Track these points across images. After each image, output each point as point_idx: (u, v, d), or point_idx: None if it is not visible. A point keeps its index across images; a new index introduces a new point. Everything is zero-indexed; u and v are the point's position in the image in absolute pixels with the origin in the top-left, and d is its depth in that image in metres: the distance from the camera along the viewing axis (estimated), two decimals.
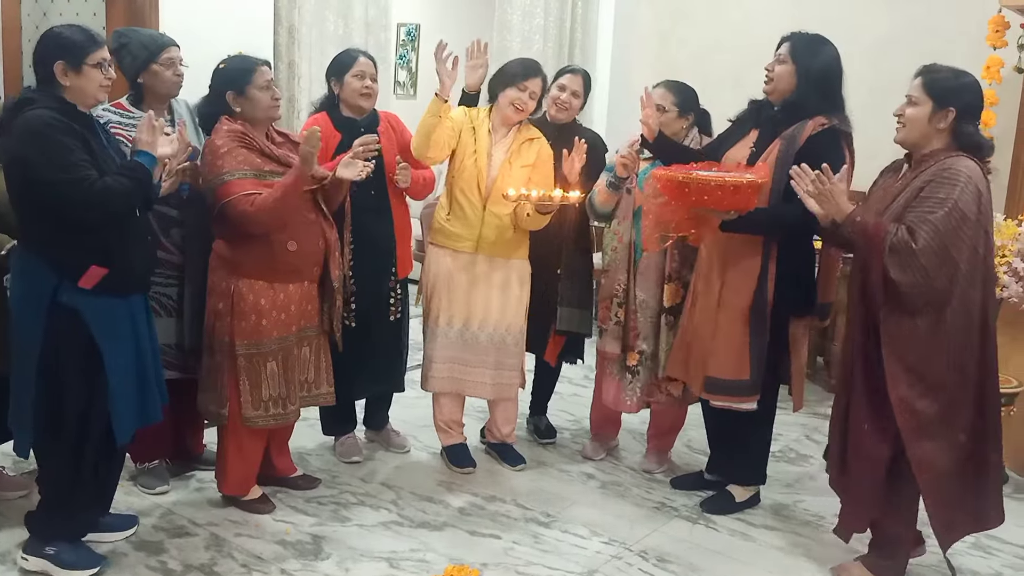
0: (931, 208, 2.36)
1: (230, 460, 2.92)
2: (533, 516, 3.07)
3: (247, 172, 2.72)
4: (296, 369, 2.89)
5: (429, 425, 3.57)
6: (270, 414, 2.85)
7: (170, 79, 2.89)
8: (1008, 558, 2.93)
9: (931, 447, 2.46)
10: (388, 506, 3.10)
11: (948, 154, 2.43)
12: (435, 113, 3.06)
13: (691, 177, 2.69)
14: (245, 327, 2.77)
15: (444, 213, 3.26)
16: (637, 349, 3.28)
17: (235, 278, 2.78)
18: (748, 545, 2.94)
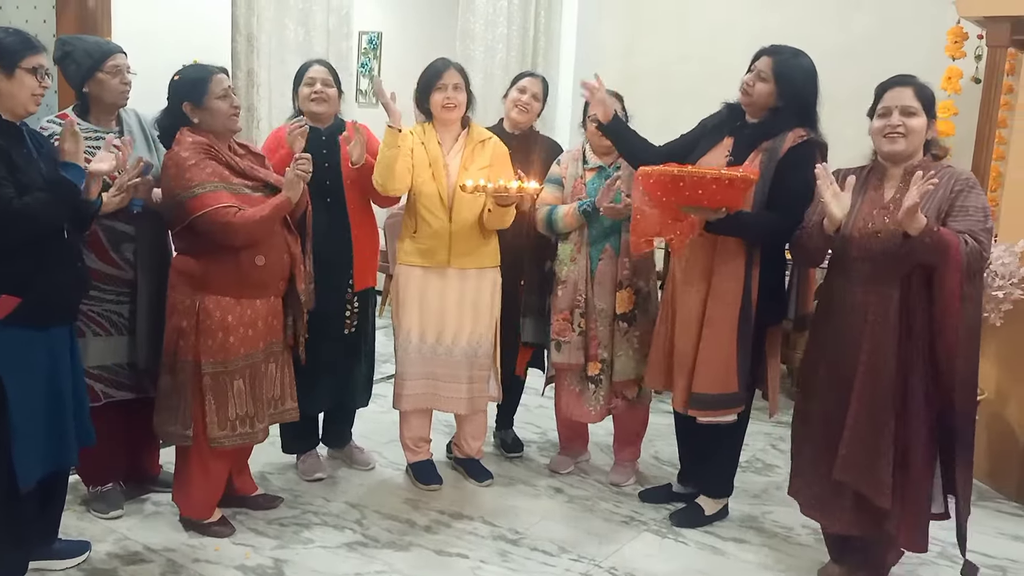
0: (980, 219, 2.37)
1: (194, 483, 2.82)
2: (501, 533, 3.02)
3: (218, 185, 2.63)
4: (264, 386, 2.81)
5: (394, 440, 3.50)
6: (237, 433, 2.75)
7: (116, 87, 2.78)
8: None
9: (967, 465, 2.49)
10: (352, 526, 3.02)
11: (935, 162, 2.47)
12: (392, 145, 3.01)
13: (686, 171, 2.66)
14: (211, 345, 2.68)
15: (411, 231, 3.19)
16: (599, 358, 3.26)
17: (200, 295, 2.69)
18: (718, 559, 2.92)
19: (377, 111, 3.15)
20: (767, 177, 2.75)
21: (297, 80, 3.22)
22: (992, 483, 3.65)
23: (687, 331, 2.94)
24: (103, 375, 2.82)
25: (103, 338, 2.82)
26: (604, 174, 3.23)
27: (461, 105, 3.16)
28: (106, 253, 2.79)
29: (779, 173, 2.76)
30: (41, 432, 2.33)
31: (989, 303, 3.42)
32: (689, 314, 2.94)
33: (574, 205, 3.21)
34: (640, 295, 3.25)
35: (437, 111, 3.15)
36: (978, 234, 2.34)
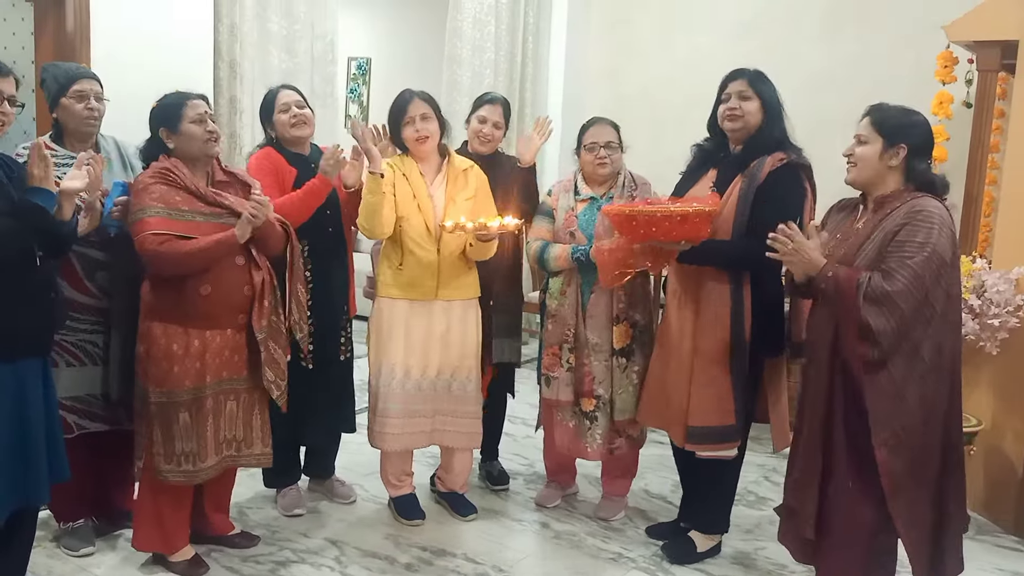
0: (911, 252, 2.29)
1: (143, 515, 2.73)
2: (484, 572, 2.92)
3: (160, 210, 2.56)
4: (211, 423, 2.67)
5: (375, 472, 3.42)
6: (181, 469, 2.64)
7: (80, 113, 2.72)
8: None
9: (912, 503, 2.38)
10: (331, 563, 2.93)
11: (911, 195, 2.37)
12: (376, 191, 2.95)
13: (637, 210, 2.66)
14: (156, 373, 2.60)
15: (395, 264, 3.10)
16: (594, 394, 3.16)
17: (150, 321, 2.62)
18: None
19: None
20: (747, 202, 2.71)
21: (268, 110, 3.16)
22: (989, 515, 3.57)
23: (679, 361, 2.88)
24: (76, 406, 2.75)
25: (77, 368, 2.74)
26: (596, 205, 3.16)
27: (433, 135, 3.11)
28: (80, 282, 2.72)
29: (758, 197, 2.71)
30: (9, 469, 2.24)
31: (985, 332, 3.36)
32: (680, 343, 2.88)
33: (568, 249, 3.13)
34: (637, 328, 3.15)
35: (411, 145, 3.10)
36: (894, 269, 2.28)
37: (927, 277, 2.28)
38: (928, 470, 2.39)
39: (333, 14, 4.47)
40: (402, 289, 3.10)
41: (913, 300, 2.28)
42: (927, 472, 2.38)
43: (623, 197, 3.14)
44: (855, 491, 2.42)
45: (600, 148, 3.13)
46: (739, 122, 2.81)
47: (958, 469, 2.45)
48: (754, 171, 2.74)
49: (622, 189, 3.17)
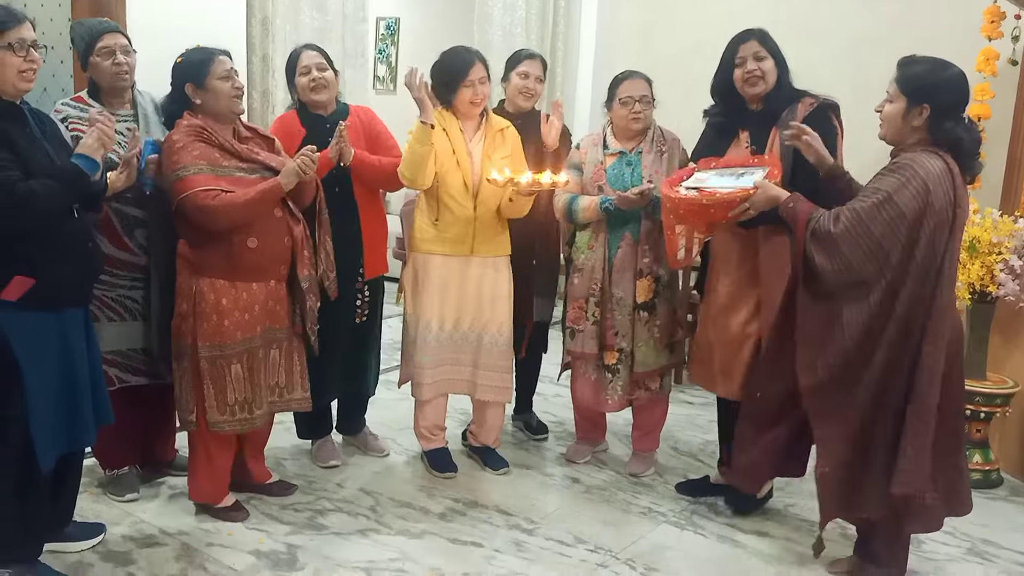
0: (863, 198, 2.36)
1: (199, 467, 2.82)
2: (516, 523, 2.97)
3: (203, 167, 2.60)
4: (263, 372, 2.76)
5: (408, 428, 3.47)
6: (236, 419, 2.72)
7: (109, 69, 2.74)
8: (1005, 564, 2.86)
9: (832, 432, 2.48)
10: (366, 512, 2.99)
11: (916, 148, 2.37)
12: (425, 141, 2.96)
13: (715, 199, 2.64)
14: (207, 328, 2.65)
15: (430, 219, 3.12)
16: (616, 347, 3.20)
17: (196, 278, 2.67)
18: (737, 551, 2.85)
19: (394, 98, 3.14)
20: (788, 150, 2.71)
21: (291, 70, 3.15)
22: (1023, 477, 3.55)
23: (742, 317, 2.90)
24: (117, 360, 2.81)
25: (117, 323, 2.81)
26: (625, 159, 3.17)
27: (487, 98, 3.12)
28: (119, 238, 2.77)
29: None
30: (58, 413, 2.33)
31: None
32: (741, 300, 2.90)
33: (596, 200, 3.14)
34: (660, 283, 3.18)
35: (464, 107, 3.08)
36: (842, 211, 2.37)
37: (874, 224, 2.31)
38: (849, 405, 2.43)
39: None
40: (439, 245, 3.12)
41: (857, 245, 2.33)
42: (848, 406, 2.43)
43: (652, 152, 3.14)
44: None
45: (635, 102, 3.11)
46: (760, 84, 2.81)
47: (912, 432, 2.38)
48: (787, 119, 2.74)
49: (651, 144, 3.16)
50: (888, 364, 2.39)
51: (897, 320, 2.36)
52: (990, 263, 3.32)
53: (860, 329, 2.39)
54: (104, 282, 2.70)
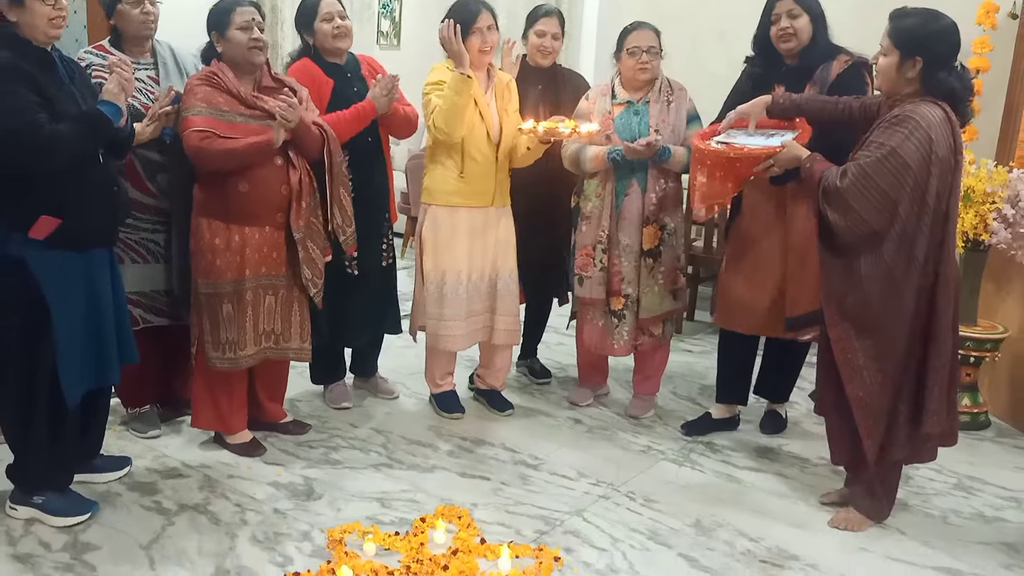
0: (869, 152, 2.43)
1: (199, 397, 2.95)
2: (521, 459, 3.11)
3: (202, 109, 2.69)
4: (250, 315, 2.83)
5: (417, 373, 3.59)
6: (225, 356, 2.83)
7: (136, 17, 2.81)
8: (989, 498, 2.99)
9: (864, 387, 2.54)
10: (378, 449, 3.13)
11: (912, 99, 2.45)
12: (464, 93, 3.00)
13: (742, 153, 2.72)
14: (203, 266, 2.77)
15: (456, 173, 3.16)
16: (622, 293, 3.30)
17: (198, 216, 2.78)
18: (733, 486, 2.99)
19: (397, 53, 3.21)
20: None
21: (308, 16, 3.14)
22: (1012, 420, 3.67)
23: (770, 262, 3.03)
24: (141, 301, 2.93)
25: (141, 265, 2.92)
26: (633, 109, 3.24)
27: (496, 46, 3.18)
28: (142, 183, 2.87)
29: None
30: (85, 350, 2.43)
31: (1017, 240, 3.39)
32: (771, 247, 3.02)
33: (604, 150, 3.21)
34: (666, 231, 3.27)
35: (474, 55, 3.11)
36: (850, 167, 2.44)
37: (880, 177, 2.39)
38: (892, 360, 2.51)
39: None
40: (463, 197, 3.19)
41: (865, 199, 2.41)
42: (891, 362, 2.51)
43: (659, 102, 3.21)
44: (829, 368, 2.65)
45: (642, 53, 3.18)
46: (793, 41, 2.89)
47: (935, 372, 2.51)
48: (823, 76, 2.85)
49: (659, 94, 3.23)
50: (918, 312, 2.50)
51: (919, 268, 2.46)
52: (984, 212, 3.40)
53: (878, 282, 2.47)
54: (128, 225, 2.81)
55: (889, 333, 2.50)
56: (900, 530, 2.72)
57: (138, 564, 2.34)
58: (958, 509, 2.89)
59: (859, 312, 2.51)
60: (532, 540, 2.55)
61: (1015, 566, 2.55)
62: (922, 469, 3.12)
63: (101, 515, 2.57)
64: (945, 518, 2.83)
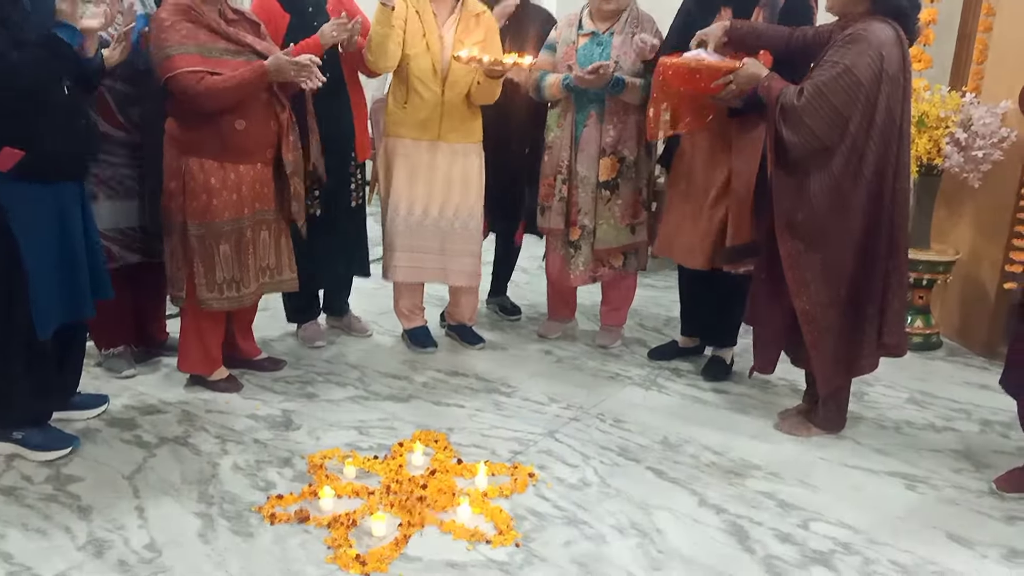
0: (823, 71, 2.50)
1: (188, 341, 2.97)
2: (494, 387, 3.19)
3: (190, 47, 2.67)
4: (251, 252, 2.88)
5: (389, 312, 3.65)
6: (224, 296, 2.86)
7: None
8: (940, 410, 3.14)
9: (812, 301, 2.63)
10: (354, 383, 3.19)
11: (864, 18, 2.51)
12: (385, 23, 3.01)
13: (703, 64, 2.76)
14: (196, 207, 2.76)
15: (399, 102, 3.21)
16: (579, 224, 3.36)
17: (185, 157, 2.76)
18: (698, 406, 3.10)
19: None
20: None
21: None
22: (961, 340, 3.83)
23: (711, 195, 3.06)
24: (118, 237, 2.93)
25: (115, 201, 2.91)
26: (597, 40, 3.25)
27: None
28: (113, 116, 2.85)
29: (783, 23, 2.85)
30: (57, 284, 2.44)
31: (969, 164, 3.50)
32: (713, 179, 3.06)
33: (560, 76, 3.25)
34: (624, 163, 3.31)
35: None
36: (805, 85, 2.51)
37: (834, 95, 2.47)
38: (841, 274, 2.61)
39: None
40: (407, 128, 3.22)
41: (819, 116, 2.49)
42: (841, 275, 2.61)
43: (623, 34, 3.23)
44: (769, 281, 2.73)
45: None
46: None
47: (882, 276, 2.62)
48: (772, 1, 2.89)
49: (624, 25, 3.24)
50: (868, 227, 2.58)
51: (868, 184, 2.54)
52: (937, 137, 3.51)
53: (827, 197, 2.55)
54: (101, 160, 2.80)
55: (837, 247, 2.60)
56: (856, 440, 2.85)
57: (122, 493, 2.40)
58: (911, 420, 3.04)
59: (809, 228, 2.59)
60: (507, 459, 2.64)
61: (964, 470, 2.70)
62: (876, 386, 3.26)
63: (82, 449, 2.61)
64: (898, 428, 2.97)
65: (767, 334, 2.85)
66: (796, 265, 2.63)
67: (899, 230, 2.60)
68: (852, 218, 2.57)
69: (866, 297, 2.64)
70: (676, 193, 3.22)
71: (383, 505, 2.35)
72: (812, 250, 2.61)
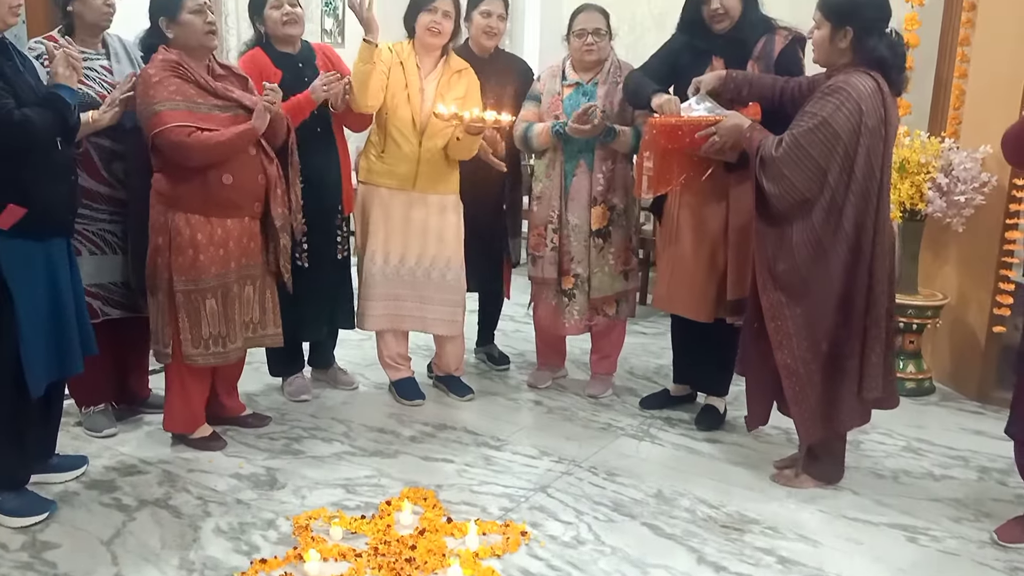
0: (802, 122, 2.51)
1: (174, 399, 2.91)
2: (484, 441, 3.13)
3: (178, 103, 2.65)
4: (237, 308, 2.85)
5: (375, 364, 3.59)
6: (210, 352, 2.81)
7: (100, 8, 2.79)
8: (937, 458, 3.10)
9: (792, 354, 2.61)
10: (340, 438, 3.12)
11: (847, 70, 2.53)
12: (367, 60, 3.02)
13: (684, 120, 2.78)
14: (182, 262, 2.72)
15: (377, 151, 3.22)
16: (572, 272, 3.35)
17: (172, 212, 2.73)
18: (692, 457, 3.05)
19: (342, 51, 3.20)
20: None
21: (259, 4, 3.14)
22: (954, 385, 3.81)
23: (710, 248, 3.05)
24: (100, 293, 2.89)
25: (99, 256, 2.88)
26: (582, 90, 3.27)
27: (446, 33, 3.18)
28: (98, 172, 2.83)
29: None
30: (47, 341, 2.41)
31: (951, 208, 3.52)
32: (709, 232, 3.04)
33: (548, 125, 3.26)
34: (615, 212, 3.31)
35: (421, 32, 3.14)
36: (785, 136, 2.53)
37: (812, 147, 2.47)
38: (822, 326, 2.59)
39: None
40: (384, 177, 3.22)
41: (797, 167, 2.49)
42: (821, 328, 2.59)
43: (607, 84, 3.25)
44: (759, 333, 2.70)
45: (588, 35, 3.21)
46: (726, 20, 2.94)
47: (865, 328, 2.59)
48: (766, 51, 2.92)
49: (607, 75, 3.26)
50: (848, 281, 2.56)
51: (847, 238, 2.53)
52: (919, 182, 3.53)
53: (807, 249, 2.54)
54: (85, 216, 2.78)
55: (818, 300, 2.58)
56: (853, 490, 2.81)
57: (100, 560, 2.31)
58: (908, 469, 3.00)
59: (790, 279, 2.58)
60: (498, 517, 2.57)
61: (964, 520, 2.65)
62: (872, 433, 3.23)
63: (59, 514, 2.52)
64: (896, 478, 2.93)
65: (757, 387, 2.82)
66: (778, 316, 2.62)
67: (877, 284, 2.57)
68: (832, 271, 2.56)
69: (848, 351, 2.61)
70: (670, 244, 3.20)
71: (371, 568, 2.28)
72: (794, 302, 2.60)
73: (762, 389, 2.80)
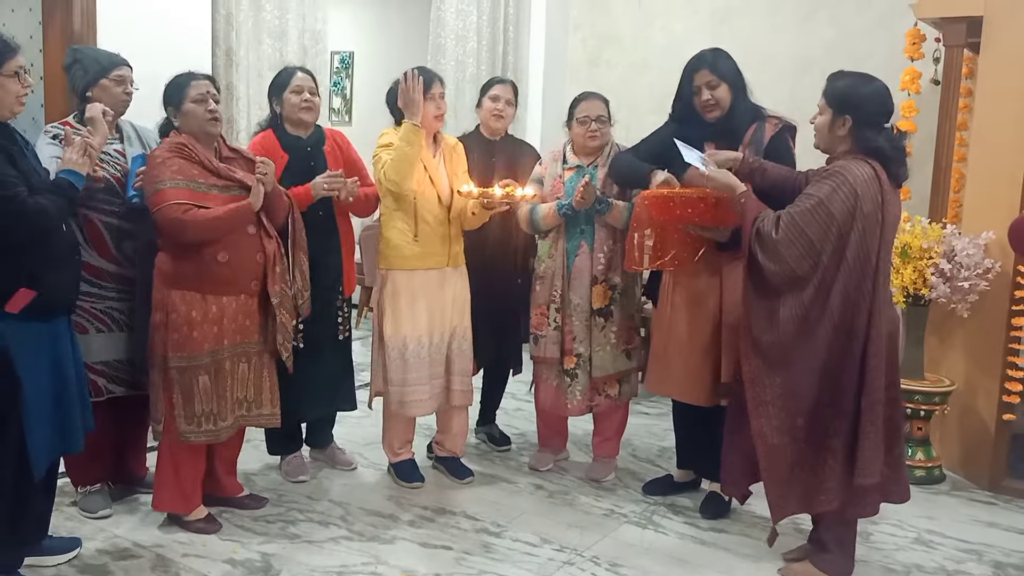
0: (800, 203, 2.54)
1: (164, 477, 2.87)
2: (483, 527, 3.07)
3: (179, 182, 2.70)
4: (229, 385, 2.83)
5: (374, 443, 3.55)
6: (202, 430, 2.78)
7: (119, 96, 2.88)
8: (949, 551, 3.02)
9: (767, 423, 2.59)
10: (337, 522, 3.06)
11: (847, 157, 2.57)
12: (415, 143, 3.08)
13: (675, 192, 2.83)
14: (177, 339, 2.73)
15: (409, 237, 3.20)
16: (574, 352, 3.34)
17: (170, 289, 2.75)
18: (698, 548, 2.98)
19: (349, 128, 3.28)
20: None
21: (280, 86, 3.23)
22: (965, 473, 3.73)
23: (703, 332, 3.05)
24: (105, 370, 2.88)
25: (106, 334, 2.89)
26: (582, 173, 3.32)
27: (444, 115, 3.29)
28: (108, 250, 2.86)
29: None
30: (50, 419, 2.40)
31: (956, 294, 3.52)
32: (705, 312, 3.05)
33: (554, 204, 3.30)
34: (616, 291, 3.32)
35: (428, 121, 3.20)
36: (782, 215, 2.54)
37: (808, 227, 2.49)
38: (800, 404, 2.57)
39: (323, 5, 4.59)
40: (418, 260, 3.22)
41: (794, 246, 2.51)
42: (798, 405, 2.57)
43: (607, 166, 3.31)
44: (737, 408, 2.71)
45: (592, 122, 3.29)
46: (716, 110, 3.00)
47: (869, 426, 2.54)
48: (757, 138, 2.96)
49: (607, 159, 3.33)
50: (832, 361, 2.54)
51: (832, 317, 2.52)
52: (922, 268, 3.53)
53: (793, 324, 2.55)
54: (92, 294, 2.81)
55: (798, 374, 2.56)
56: None
57: None
58: (921, 564, 2.91)
59: (773, 350, 2.58)
60: None
61: None
62: (881, 524, 3.15)
63: None
64: (909, 573, 2.85)
65: (739, 455, 2.77)
66: (757, 383, 2.61)
67: (874, 369, 2.53)
68: (817, 347, 2.54)
69: (832, 430, 2.57)
70: (661, 322, 3.20)
71: None
72: (774, 372, 2.59)
73: (743, 457, 2.76)
